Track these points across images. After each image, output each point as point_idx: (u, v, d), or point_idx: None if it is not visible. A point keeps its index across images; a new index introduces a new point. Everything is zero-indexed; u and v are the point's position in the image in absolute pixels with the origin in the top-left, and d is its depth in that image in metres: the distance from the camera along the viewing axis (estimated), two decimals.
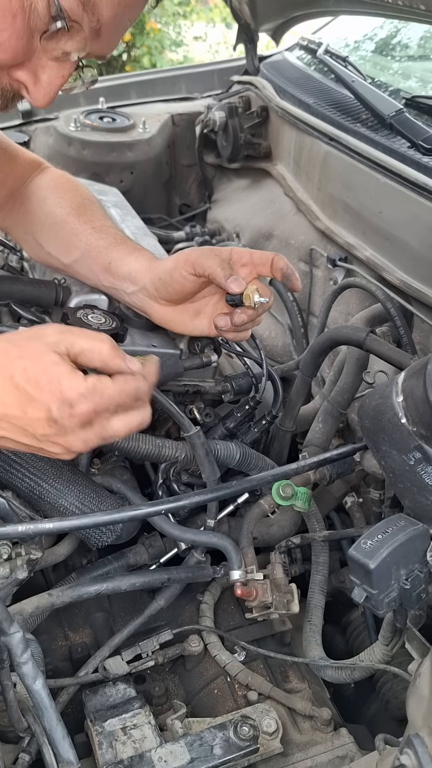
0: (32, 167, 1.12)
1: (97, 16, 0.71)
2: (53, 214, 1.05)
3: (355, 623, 1.06)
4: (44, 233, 1.06)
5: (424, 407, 0.63)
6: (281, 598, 0.90)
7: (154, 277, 0.94)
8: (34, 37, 0.72)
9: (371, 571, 0.63)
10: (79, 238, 1.02)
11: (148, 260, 0.97)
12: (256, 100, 1.74)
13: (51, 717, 0.69)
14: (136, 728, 0.80)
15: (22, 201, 1.09)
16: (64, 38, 0.73)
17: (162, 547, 1.00)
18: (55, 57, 0.75)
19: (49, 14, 0.69)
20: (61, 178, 1.11)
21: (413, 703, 0.63)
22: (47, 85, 0.76)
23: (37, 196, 1.07)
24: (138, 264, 0.97)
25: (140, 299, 0.98)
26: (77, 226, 1.02)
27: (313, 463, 0.91)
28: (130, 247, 1.00)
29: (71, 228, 1.03)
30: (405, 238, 1.13)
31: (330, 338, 1.01)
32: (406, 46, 1.76)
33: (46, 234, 1.06)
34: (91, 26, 0.72)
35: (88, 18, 0.71)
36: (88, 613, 0.98)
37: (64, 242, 1.04)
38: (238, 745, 0.77)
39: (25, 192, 1.09)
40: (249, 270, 0.92)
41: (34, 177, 1.10)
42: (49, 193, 1.07)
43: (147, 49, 6.03)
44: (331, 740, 0.85)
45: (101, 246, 1.00)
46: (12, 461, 0.86)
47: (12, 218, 1.11)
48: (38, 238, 1.07)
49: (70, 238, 1.03)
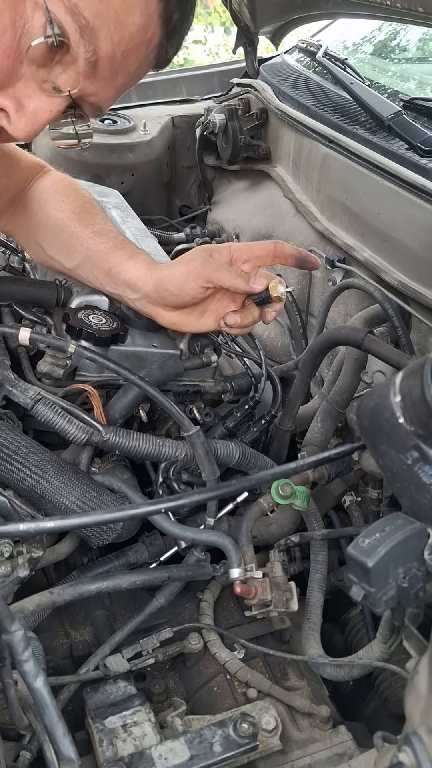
0: (35, 170, 1.12)
1: (94, 46, 0.67)
2: (54, 218, 1.05)
3: (353, 621, 1.07)
4: (46, 237, 1.06)
5: (421, 407, 0.63)
6: (280, 596, 0.90)
7: (158, 286, 0.94)
8: (22, 61, 0.68)
9: (369, 569, 0.64)
10: (79, 242, 1.02)
11: (147, 266, 0.97)
12: (256, 102, 1.74)
13: (52, 714, 0.69)
14: (137, 725, 0.80)
15: (24, 204, 1.09)
16: (57, 68, 0.69)
17: (162, 546, 1.00)
18: (45, 88, 0.70)
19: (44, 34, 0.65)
20: (62, 181, 1.11)
21: (411, 700, 0.64)
22: (32, 115, 0.71)
23: (39, 199, 1.08)
24: (137, 270, 0.97)
25: (144, 305, 0.98)
26: (78, 230, 1.02)
27: (312, 462, 0.91)
28: (128, 252, 0.99)
29: (72, 232, 1.03)
30: (403, 239, 1.14)
31: (329, 338, 1.02)
32: (404, 49, 1.77)
33: (48, 238, 1.06)
34: (86, 57, 0.68)
35: (84, 47, 0.67)
36: (89, 611, 0.99)
37: (66, 246, 1.04)
38: (237, 743, 0.78)
39: (27, 195, 1.09)
40: (251, 265, 0.92)
41: (36, 180, 1.10)
42: (50, 196, 1.07)
43: None
44: (330, 738, 0.85)
45: (101, 251, 1.00)
46: (13, 460, 0.86)
47: (15, 221, 1.11)
48: (40, 241, 1.07)
49: (71, 242, 1.03)
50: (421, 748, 0.56)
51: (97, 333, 0.97)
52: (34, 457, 0.87)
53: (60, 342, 0.93)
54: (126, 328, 1.02)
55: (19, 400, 0.90)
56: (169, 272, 0.94)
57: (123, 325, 1.02)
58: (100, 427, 0.90)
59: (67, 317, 0.98)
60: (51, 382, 0.96)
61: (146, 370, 0.99)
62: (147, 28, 0.70)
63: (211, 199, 1.96)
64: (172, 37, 0.73)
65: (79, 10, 0.65)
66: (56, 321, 1.04)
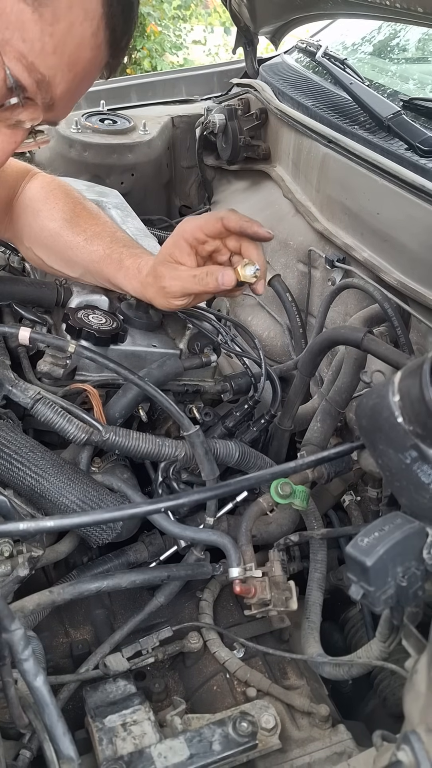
0: (21, 175, 1.10)
1: (50, 94, 0.73)
2: (47, 229, 1.04)
3: (353, 620, 1.07)
4: (43, 249, 1.06)
5: (420, 406, 0.64)
6: (280, 596, 0.90)
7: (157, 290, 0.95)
8: None
9: (368, 568, 0.64)
10: (74, 252, 1.02)
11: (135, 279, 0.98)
12: (256, 102, 1.75)
13: (52, 713, 0.70)
14: (136, 724, 0.80)
15: (18, 214, 1.08)
16: (19, 110, 0.74)
17: (162, 545, 1.00)
18: (8, 124, 0.76)
19: (5, 86, 0.70)
20: (50, 184, 1.10)
21: (410, 699, 0.64)
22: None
23: (31, 208, 1.07)
24: (128, 285, 0.99)
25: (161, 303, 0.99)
26: (70, 239, 1.03)
27: (312, 461, 0.91)
28: (115, 263, 1.00)
29: (65, 242, 1.03)
30: (403, 239, 1.14)
31: (328, 338, 1.02)
32: (404, 49, 1.77)
33: (44, 250, 1.06)
34: (44, 101, 0.73)
35: (41, 96, 0.72)
36: (89, 611, 0.99)
37: (63, 258, 1.04)
38: (236, 741, 0.78)
39: (19, 204, 1.08)
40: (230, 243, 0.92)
41: (25, 185, 1.09)
42: (41, 204, 1.06)
43: (147, 52, 6.05)
44: (329, 737, 0.85)
45: (95, 260, 1.01)
46: (13, 459, 0.86)
47: (12, 231, 1.11)
48: (38, 252, 1.07)
49: (66, 254, 1.03)
50: (419, 746, 0.56)
51: (97, 333, 0.97)
52: (33, 456, 0.87)
53: (60, 341, 0.93)
54: (126, 327, 1.03)
55: (19, 399, 0.90)
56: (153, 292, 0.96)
57: (123, 324, 1.02)
58: (99, 426, 0.91)
59: (66, 317, 0.99)
60: (51, 382, 0.97)
61: (146, 369, 0.99)
62: (97, 57, 0.75)
63: (211, 199, 1.96)
64: (118, 55, 0.78)
65: (35, 67, 0.70)
66: (56, 321, 1.04)
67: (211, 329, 1.09)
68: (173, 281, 0.92)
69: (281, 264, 1.45)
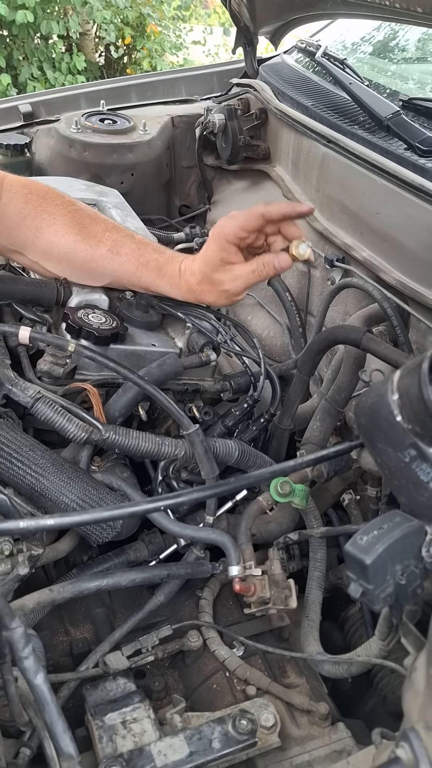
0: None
1: None
2: (59, 245, 1.02)
3: (352, 619, 1.07)
4: (55, 263, 1.04)
5: (418, 405, 0.64)
6: (279, 594, 0.91)
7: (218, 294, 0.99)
8: None
9: (367, 566, 0.64)
10: (100, 264, 1.02)
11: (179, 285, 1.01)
12: (255, 102, 1.75)
13: (52, 711, 0.70)
14: (136, 722, 0.80)
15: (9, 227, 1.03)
16: None
17: (161, 544, 1.01)
18: None
19: None
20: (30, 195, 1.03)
21: (409, 697, 0.64)
22: None
23: (26, 226, 1.02)
24: (176, 292, 1.02)
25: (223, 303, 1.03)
26: (90, 252, 1.02)
27: (311, 460, 0.92)
28: (153, 271, 1.02)
29: (85, 256, 1.02)
30: (402, 239, 1.14)
31: (327, 337, 1.02)
32: (403, 49, 1.77)
33: (58, 264, 1.04)
34: None
35: None
36: (89, 609, 0.99)
37: (85, 271, 1.04)
38: (236, 739, 0.78)
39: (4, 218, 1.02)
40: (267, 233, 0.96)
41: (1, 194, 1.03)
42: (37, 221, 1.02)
43: (147, 52, 6.05)
44: (329, 735, 0.86)
45: (129, 271, 1.03)
46: (13, 458, 0.87)
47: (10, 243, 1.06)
48: (48, 267, 1.05)
49: (89, 266, 1.03)
50: (418, 744, 0.56)
51: (97, 332, 0.97)
52: (33, 455, 0.88)
53: (60, 341, 0.93)
54: (125, 327, 1.03)
55: (19, 398, 0.90)
56: (213, 297, 1.00)
57: (122, 324, 1.03)
58: (99, 425, 0.91)
59: (66, 316, 0.99)
60: (51, 381, 0.97)
61: (146, 368, 1.00)
62: None
63: (211, 199, 1.96)
64: None
65: None
66: (56, 320, 1.04)
67: (210, 328, 1.09)
68: (234, 282, 0.96)
69: None
